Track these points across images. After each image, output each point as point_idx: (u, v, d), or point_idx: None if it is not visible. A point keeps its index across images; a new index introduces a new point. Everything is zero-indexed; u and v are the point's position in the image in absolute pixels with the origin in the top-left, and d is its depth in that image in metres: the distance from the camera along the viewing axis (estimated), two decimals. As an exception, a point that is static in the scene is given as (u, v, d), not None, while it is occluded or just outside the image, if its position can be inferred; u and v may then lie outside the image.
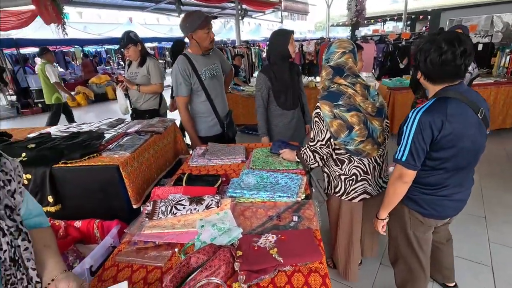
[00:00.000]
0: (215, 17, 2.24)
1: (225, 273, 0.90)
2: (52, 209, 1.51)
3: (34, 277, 0.78)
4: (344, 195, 1.58)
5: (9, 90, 8.75)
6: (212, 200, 1.27)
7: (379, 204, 1.68)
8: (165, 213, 1.23)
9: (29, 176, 1.49)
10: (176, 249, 1.06)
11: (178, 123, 2.33)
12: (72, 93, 9.01)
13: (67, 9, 9.20)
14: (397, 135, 1.31)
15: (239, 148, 1.92)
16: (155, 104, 3.04)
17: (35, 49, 11.91)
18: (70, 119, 5.56)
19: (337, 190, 1.60)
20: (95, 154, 1.58)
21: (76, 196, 1.54)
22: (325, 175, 1.67)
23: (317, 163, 1.57)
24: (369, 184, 1.56)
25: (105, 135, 1.83)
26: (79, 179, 1.51)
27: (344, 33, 19.27)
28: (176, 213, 1.22)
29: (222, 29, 17.36)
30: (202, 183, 1.45)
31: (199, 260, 0.93)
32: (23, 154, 1.58)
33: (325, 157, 1.54)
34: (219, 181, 1.47)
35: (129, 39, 2.73)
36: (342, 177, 1.56)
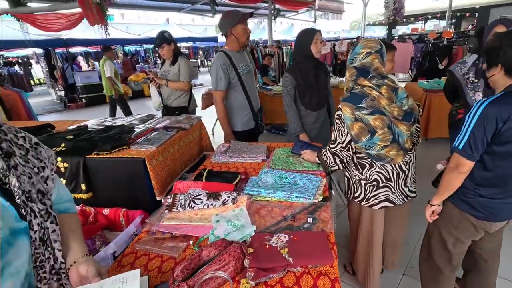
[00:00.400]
0: (252, 14, 2.43)
1: (234, 268, 0.92)
2: (84, 196, 1.64)
3: (60, 258, 0.85)
4: (364, 201, 1.52)
5: (59, 86, 9.55)
6: (228, 197, 1.29)
7: (404, 214, 1.62)
8: (183, 206, 1.27)
9: (66, 164, 1.63)
10: (191, 242, 1.10)
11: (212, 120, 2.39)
12: (112, 90, 9.63)
13: (112, 11, 9.82)
14: (428, 139, 1.25)
15: (261, 147, 1.93)
16: (185, 101, 3.16)
17: (82, 48, 12.91)
18: (126, 112, 5.92)
19: (356, 195, 1.55)
20: (125, 147, 1.68)
21: (106, 185, 1.65)
22: (346, 178, 1.62)
23: (337, 166, 1.53)
24: (391, 192, 1.48)
25: (135, 129, 1.94)
26: (109, 170, 1.62)
27: (381, 32, 18.45)
28: (193, 207, 1.27)
29: (256, 29, 17.48)
30: (221, 179, 1.49)
31: (210, 254, 0.95)
32: (62, 144, 1.73)
33: (345, 160, 1.49)
34: (238, 179, 1.49)
35: (163, 38, 2.87)
36: (362, 182, 1.50)
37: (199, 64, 15.54)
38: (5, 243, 0.72)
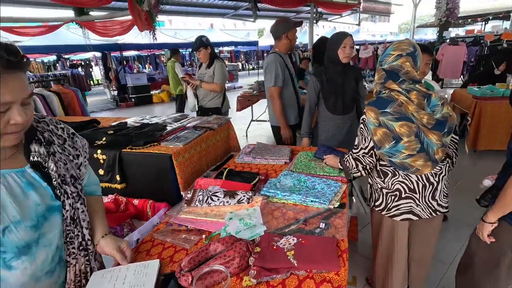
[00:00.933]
0: (302, 23, 2.89)
1: (239, 265, 0.94)
2: (118, 186, 1.79)
3: (87, 235, 0.96)
4: (385, 210, 1.43)
5: (113, 86, 10.48)
6: (244, 196, 1.32)
7: (432, 229, 1.49)
8: (201, 201, 1.33)
9: (104, 156, 1.80)
10: (204, 236, 1.15)
11: (246, 122, 2.47)
12: (158, 91, 10.32)
13: (161, 17, 10.54)
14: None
15: (284, 150, 1.94)
16: (218, 103, 3.28)
17: (134, 52, 13.99)
18: (180, 109, 6.40)
19: (377, 204, 1.47)
20: (156, 143, 1.81)
21: (137, 178, 1.79)
22: (369, 185, 1.56)
23: (359, 173, 1.47)
24: (416, 204, 1.38)
25: (167, 127, 2.07)
26: (140, 164, 1.75)
27: (433, 34, 17.18)
28: (210, 203, 1.32)
29: (298, 33, 17.44)
30: (240, 179, 1.52)
31: (217, 249, 0.99)
32: (104, 138, 1.91)
33: (368, 167, 1.43)
34: (256, 179, 1.52)
35: (201, 42, 3.02)
36: (384, 190, 1.42)
37: (240, 67, 15.94)
38: (42, 217, 0.83)
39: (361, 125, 1.39)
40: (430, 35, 17.95)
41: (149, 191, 1.75)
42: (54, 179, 0.88)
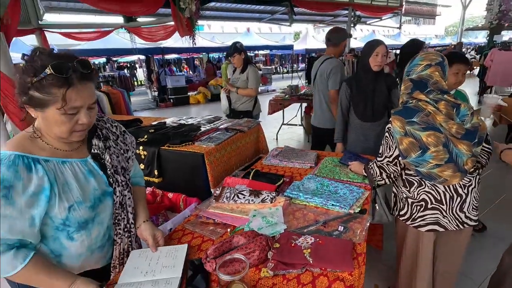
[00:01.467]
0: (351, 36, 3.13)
1: (258, 257, 1.03)
2: (156, 180, 1.97)
3: (131, 219, 1.12)
4: (410, 220, 1.43)
5: (154, 87, 11.15)
6: (268, 196, 1.41)
7: (460, 242, 1.46)
8: (228, 198, 1.44)
9: (145, 152, 1.99)
10: (229, 229, 1.26)
11: (277, 125, 2.56)
12: (194, 92, 10.78)
13: (201, 22, 11.02)
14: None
15: (311, 154, 1.99)
16: (249, 106, 3.41)
17: (175, 55, 14.73)
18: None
19: (402, 213, 1.47)
20: (190, 143, 1.96)
21: (172, 173, 1.95)
22: (393, 194, 1.56)
23: (383, 181, 1.48)
24: (442, 215, 1.36)
25: (201, 128, 2.23)
26: (176, 160, 1.92)
27: (485, 38, 15.84)
28: (236, 200, 1.42)
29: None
30: (266, 179, 1.61)
31: (240, 241, 1.08)
32: (145, 136, 2.11)
33: (392, 175, 1.44)
34: (281, 181, 1.59)
35: (235, 48, 3.18)
36: (409, 200, 1.42)
37: (274, 71, 16.09)
38: (98, 199, 1.00)
39: (386, 134, 1.40)
40: (482, 38, 16.59)
41: (182, 186, 1.90)
42: (108, 169, 1.04)
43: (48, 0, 6.91)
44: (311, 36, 15.05)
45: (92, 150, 1.02)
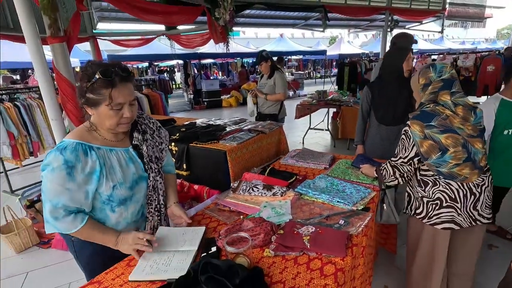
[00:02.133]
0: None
1: (263, 240, 1.18)
2: (184, 173, 2.21)
3: (161, 201, 1.34)
4: (426, 218, 1.48)
5: (190, 90, 11.77)
6: (279, 190, 1.56)
7: (474, 241, 1.51)
8: (244, 191, 1.62)
9: (176, 148, 2.24)
10: (242, 216, 1.43)
11: (304, 129, 2.71)
12: (227, 96, 11.18)
13: (236, 28, 11.45)
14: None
15: (327, 156, 2.10)
16: (275, 110, 3.57)
17: (211, 60, 15.38)
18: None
19: (418, 211, 1.51)
20: (215, 141, 2.17)
21: (198, 168, 2.18)
22: (406, 194, 1.62)
23: (396, 180, 1.53)
24: (457, 213, 1.41)
25: (226, 128, 2.44)
26: (202, 156, 2.14)
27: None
28: (251, 193, 1.59)
29: (372, 41, 16.74)
30: (280, 176, 1.76)
31: (249, 225, 1.25)
32: (177, 134, 2.37)
33: (405, 175, 1.51)
34: (293, 178, 1.74)
35: (262, 57, 3.40)
36: (425, 199, 1.47)
37: (307, 75, 16.10)
38: (135, 182, 1.22)
39: (403, 136, 1.47)
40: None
41: (207, 179, 2.12)
42: (145, 158, 1.27)
43: (101, 11, 7.70)
44: (346, 41, 14.83)
45: (133, 142, 1.26)
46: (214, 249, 1.15)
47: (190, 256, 1.11)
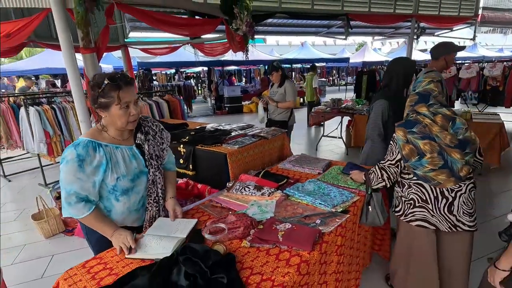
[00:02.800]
0: (463, 47, 2.91)
1: (242, 232, 1.33)
2: (190, 173, 2.41)
3: (159, 193, 1.52)
4: (403, 216, 1.65)
5: (213, 96, 12.18)
6: (267, 191, 1.70)
7: (460, 243, 1.60)
8: (237, 190, 1.78)
9: (184, 150, 2.45)
10: (230, 212, 1.58)
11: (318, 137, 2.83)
12: (248, 102, 11.43)
13: (258, 36, 11.69)
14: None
15: (323, 162, 2.20)
16: (286, 117, 3.71)
17: (234, 67, 15.80)
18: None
19: (397, 210, 1.69)
20: (219, 144, 2.36)
21: (203, 168, 2.37)
22: (394, 195, 1.75)
23: (383, 182, 1.64)
24: (430, 214, 1.55)
25: (232, 133, 2.62)
26: (206, 158, 2.32)
27: None
28: (243, 192, 1.75)
29: (401, 48, 16.34)
30: (272, 179, 1.90)
31: (231, 219, 1.40)
32: (187, 137, 2.58)
33: (391, 177, 1.62)
34: (284, 181, 1.87)
35: (273, 67, 3.57)
36: (403, 199, 1.64)
37: (331, 83, 16.00)
38: (136, 175, 1.42)
39: (391, 142, 1.62)
40: None
41: (209, 179, 2.30)
42: (146, 155, 1.47)
43: (133, 21, 8.30)
44: (370, 49, 14.59)
45: (136, 141, 1.47)
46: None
47: (178, 241, 1.28)
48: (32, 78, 8.56)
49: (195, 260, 1.08)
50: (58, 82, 11.00)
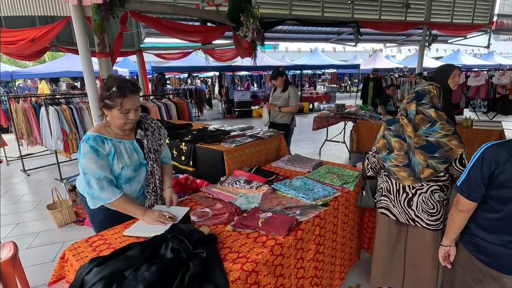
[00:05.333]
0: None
1: (227, 219, 1.48)
2: (190, 169, 2.59)
3: (157, 183, 1.69)
4: (377, 203, 1.81)
5: (223, 101, 12.45)
6: (255, 184, 1.85)
7: (423, 238, 1.67)
8: (229, 183, 1.93)
9: (186, 147, 2.64)
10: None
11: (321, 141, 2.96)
12: (257, 106, 11.60)
13: (268, 42, 11.93)
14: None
15: (314, 162, 2.33)
16: (288, 120, 3.85)
17: (245, 72, 16.07)
18: None
19: (375, 196, 1.85)
20: (218, 143, 2.52)
21: (202, 165, 2.54)
22: None
23: (369, 171, 1.83)
24: (392, 205, 1.69)
25: (231, 133, 2.78)
26: (205, 155, 2.50)
27: None
28: (234, 185, 1.90)
29: (413, 56, 16.21)
30: (262, 174, 2.04)
31: (218, 207, 1.56)
32: (189, 136, 2.77)
33: (372, 166, 1.79)
34: (273, 176, 2.01)
35: (278, 72, 3.73)
36: (378, 187, 1.82)
37: (342, 89, 16.05)
38: (138, 166, 1.60)
39: (378, 135, 1.75)
40: None
41: (207, 175, 2.47)
42: (145, 149, 1.65)
43: (148, 27, 8.69)
44: (382, 56, 14.55)
45: (136, 136, 1.65)
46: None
47: (170, 225, 1.44)
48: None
49: (181, 238, 1.23)
50: (78, 85, 11.55)
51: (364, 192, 1.85)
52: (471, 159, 1.24)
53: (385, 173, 1.69)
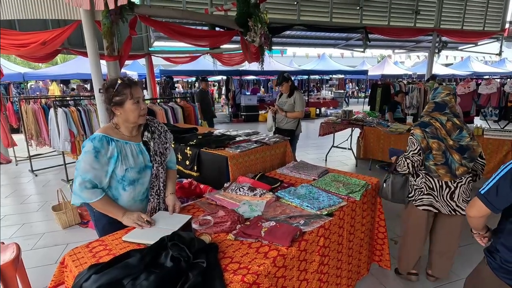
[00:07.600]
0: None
1: (229, 227, 1.45)
2: (194, 174, 2.57)
3: (161, 187, 1.68)
4: (414, 201, 1.98)
5: (230, 105, 12.48)
6: (259, 192, 1.81)
7: (452, 225, 1.96)
8: (232, 190, 1.90)
9: (190, 152, 2.62)
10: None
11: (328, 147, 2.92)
12: (264, 111, 11.57)
13: (276, 47, 11.95)
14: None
15: (319, 169, 2.29)
16: (293, 126, 3.82)
17: (252, 77, 16.11)
18: None
19: (410, 195, 2.01)
20: (222, 148, 2.50)
21: (206, 170, 2.52)
22: (409, 184, 2.03)
23: (407, 169, 1.89)
24: (435, 200, 1.89)
25: (236, 138, 2.76)
26: (209, 160, 2.48)
27: None
28: (237, 192, 1.87)
29: (422, 62, 16.05)
30: (266, 181, 2.01)
31: (221, 214, 1.53)
32: (194, 140, 2.76)
33: (415, 164, 1.86)
34: (277, 184, 1.97)
35: (284, 78, 3.71)
36: (415, 187, 1.98)
37: (350, 95, 15.95)
38: (142, 169, 1.59)
39: (410, 137, 1.90)
40: None
41: (211, 180, 2.44)
42: (151, 151, 1.64)
43: (157, 31, 8.80)
44: (390, 62, 14.42)
45: (143, 138, 1.64)
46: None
47: (169, 232, 1.42)
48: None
49: (181, 246, 1.21)
50: (88, 86, 11.74)
51: (385, 184, 2.02)
52: (500, 168, 1.17)
53: (425, 172, 1.88)
